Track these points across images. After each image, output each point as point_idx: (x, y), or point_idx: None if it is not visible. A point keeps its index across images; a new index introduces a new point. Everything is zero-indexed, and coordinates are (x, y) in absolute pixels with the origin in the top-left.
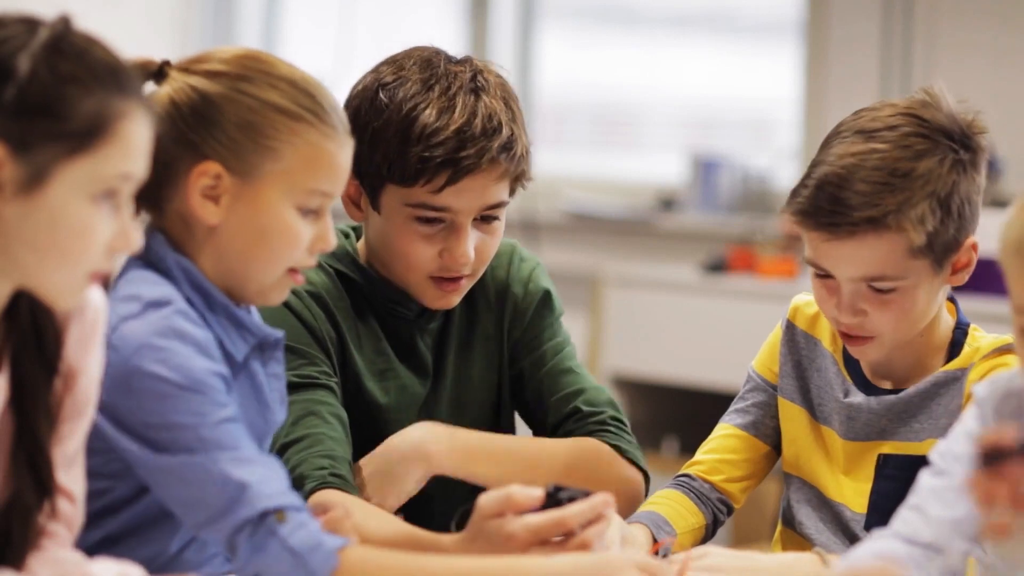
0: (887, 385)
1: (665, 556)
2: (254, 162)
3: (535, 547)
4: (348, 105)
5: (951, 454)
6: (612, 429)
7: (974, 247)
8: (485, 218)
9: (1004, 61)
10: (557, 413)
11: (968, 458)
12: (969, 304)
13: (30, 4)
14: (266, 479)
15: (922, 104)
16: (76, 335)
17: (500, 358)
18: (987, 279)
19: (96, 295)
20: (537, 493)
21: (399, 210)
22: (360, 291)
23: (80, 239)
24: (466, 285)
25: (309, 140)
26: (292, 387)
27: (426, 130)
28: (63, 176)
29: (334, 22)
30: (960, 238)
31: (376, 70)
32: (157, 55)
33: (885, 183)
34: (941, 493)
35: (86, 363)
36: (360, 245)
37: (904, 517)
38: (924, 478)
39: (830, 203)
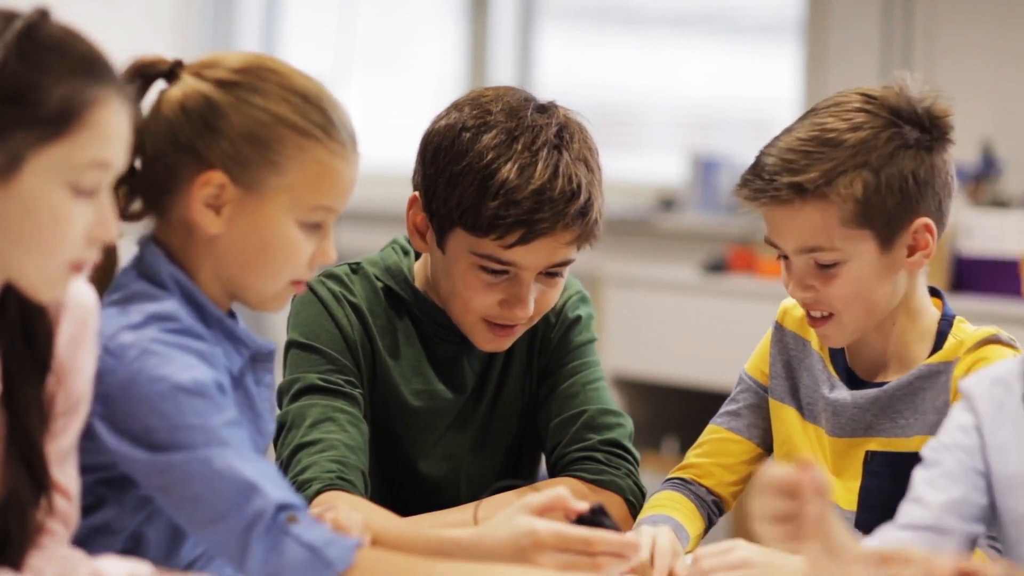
0: (873, 380)
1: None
2: (259, 175)
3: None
4: (429, 141)
5: (941, 446)
6: (598, 457)
7: (928, 228)
8: (549, 273)
9: (1004, 61)
10: (554, 438)
11: (957, 446)
12: (968, 304)
13: (31, 2)
14: (273, 479)
15: (883, 87)
16: (67, 332)
17: (529, 384)
18: (987, 279)
19: (86, 293)
20: (583, 506)
21: (464, 255)
22: (408, 311)
23: (56, 227)
24: (520, 331)
25: (316, 157)
26: (316, 390)
27: (505, 186)
28: (36, 163)
29: (334, 22)
30: (905, 214)
31: (460, 108)
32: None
33: (812, 151)
34: (933, 480)
35: (78, 360)
36: (418, 266)
37: (904, 510)
38: (917, 472)
39: (767, 173)
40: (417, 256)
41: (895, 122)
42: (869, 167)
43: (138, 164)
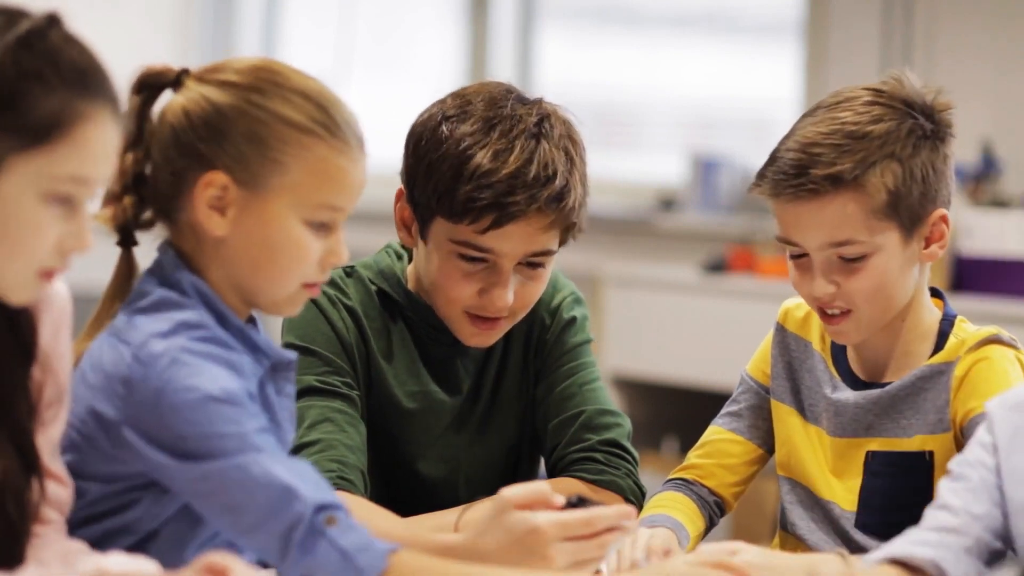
0: (874, 380)
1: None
2: (261, 174)
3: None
4: (412, 133)
5: (966, 462)
6: (598, 457)
7: (944, 220)
8: (530, 264)
9: (1004, 61)
10: (553, 440)
11: (981, 464)
12: (968, 304)
13: (33, 2)
14: (311, 480)
15: (885, 82)
16: (47, 322)
17: (526, 386)
18: (988, 279)
19: (59, 284)
20: (560, 500)
21: (444, 244)
22: (402, 313)
23: (27, 234)
24: (504, 326)
25: (318, 154)
26: (313, 391)
27: (479, 170)
28: (14, 170)
29: (334, 22)
30: (926, 205)
31: (443, 100)
32: (157, 56)
33: (842, 144)
34: (959, 492)
35: (60, 347)
36: (410, 269)
37: (930, 515)
38: (943, 484)
39: (792, 167)
40: (410, 259)
41: (911, 113)
42: (895, 158)
43: (148, 171)
